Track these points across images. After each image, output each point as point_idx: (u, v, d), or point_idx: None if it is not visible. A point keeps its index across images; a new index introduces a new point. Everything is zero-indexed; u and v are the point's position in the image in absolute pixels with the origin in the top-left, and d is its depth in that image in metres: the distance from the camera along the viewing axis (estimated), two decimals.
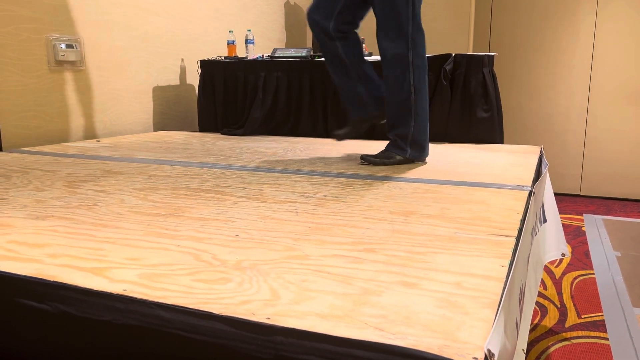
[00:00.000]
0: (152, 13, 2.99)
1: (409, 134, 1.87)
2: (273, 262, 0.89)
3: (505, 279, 0.81)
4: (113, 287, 0.78)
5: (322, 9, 1.89)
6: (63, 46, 2.44)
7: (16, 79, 2.28)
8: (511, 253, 0.93)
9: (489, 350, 0.59)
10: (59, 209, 1.25)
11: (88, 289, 0.77)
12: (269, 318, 0.68)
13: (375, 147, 2.37)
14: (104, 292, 0.76)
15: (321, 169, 1.79)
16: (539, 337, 1.95)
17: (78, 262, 0.89)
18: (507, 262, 0.89)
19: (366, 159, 1.88)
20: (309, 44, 4.39)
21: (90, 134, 2.67)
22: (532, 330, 2.01)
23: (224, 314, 0.69)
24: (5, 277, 0.82)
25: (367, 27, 3.98)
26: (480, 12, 4.39)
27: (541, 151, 2.18)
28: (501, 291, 0.77)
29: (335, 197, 1.38)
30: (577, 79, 4.20)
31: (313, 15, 1.91)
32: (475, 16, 4.19)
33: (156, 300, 0.73)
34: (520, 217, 1.17)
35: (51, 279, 0.80)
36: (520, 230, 1.08)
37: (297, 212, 1.23)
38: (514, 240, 1.01)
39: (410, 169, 1.80)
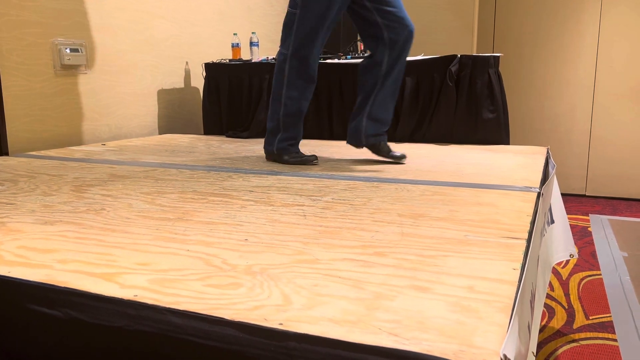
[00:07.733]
0: (157, 16, 3.00)
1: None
2: (283, 267, 0.89)
3: (517, 282, 0.81)
4: (124, 292, 0.78)
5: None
6: (68, 50, 2.44)
7: (22, 84, 2.28)
8: (522, 256, 0.93)
9: (504, 356, 0.59)
10: (67, 213, 1.25)
11: (99, 294, 0.77)
12: (281, 324, 0.68)
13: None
14: (115, 298, 0.76)
15: (328, 172, 1.79)
16: (547, 339, 1.94)
17: (88, 268, 0.88)
18: (518, 265, 0.88)
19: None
20: None
21: (95, 137, 2.67)
22: (540, 331, 2.00)
23: (236, 319, 0.69)
24: (17, 283, 0.82)
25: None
26: (483, 12, 4.38)
27: (548, 152, 2.17)
28: (514, 295, 0.76)
29: (343, 199, 1.38)
30: (582, 78, 4.19)
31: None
32: (478, 16, 4.18)
33: (167, 305, 0.73)
34: (530, 219, 1.17)
35: (62, 285, 0.80)
36: (530, 233, 1.07)
37: (305, 215, 1.22)
38: (524, 242, 1.00)
39: (416, 170, 1.80)
